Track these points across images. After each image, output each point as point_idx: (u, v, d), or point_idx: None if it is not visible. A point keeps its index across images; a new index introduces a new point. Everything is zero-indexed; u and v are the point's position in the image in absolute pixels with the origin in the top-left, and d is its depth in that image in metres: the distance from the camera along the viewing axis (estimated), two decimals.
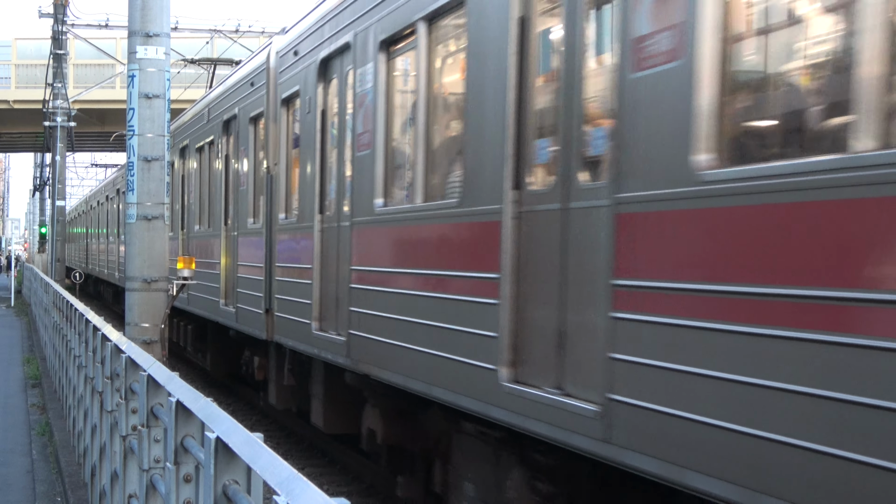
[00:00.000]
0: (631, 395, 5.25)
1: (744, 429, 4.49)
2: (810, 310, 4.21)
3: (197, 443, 5.22)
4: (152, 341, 11.49)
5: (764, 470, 4.38)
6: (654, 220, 5.18)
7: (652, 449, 5.07)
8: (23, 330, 32.89)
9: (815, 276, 4.19)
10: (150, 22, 11.55)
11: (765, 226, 4.42)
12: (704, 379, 4.72)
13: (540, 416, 6.11)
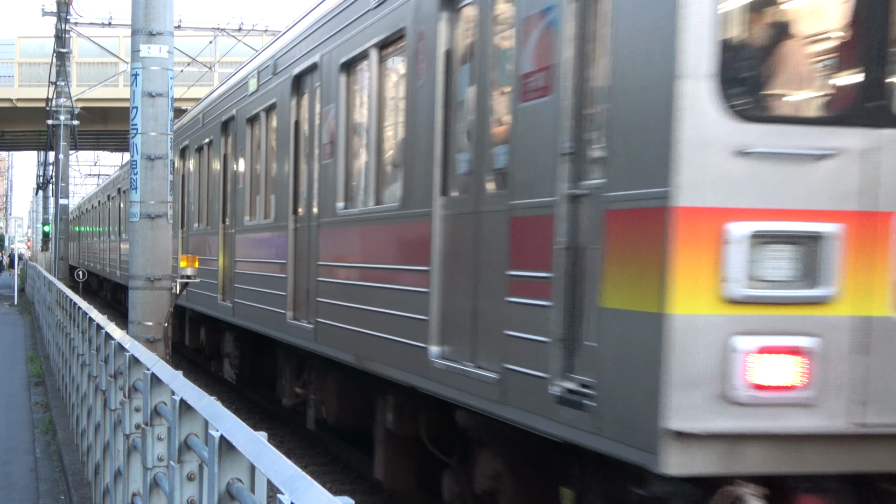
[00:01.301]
0: (520, 364, 6.63)
1: None
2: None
3: (200, 441, 5.23)
4: (155, 339, 11.50)
5: None
6: (534, 223, 6.54)
7: (533, 409, 6.56)
8: (26, 328, 32.92)
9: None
10: (154, 20, 11.55)
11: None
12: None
13: (459, 384, 7.52)
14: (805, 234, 5.36)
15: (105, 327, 9.98)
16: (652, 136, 5.45)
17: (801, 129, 5.48)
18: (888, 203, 5.38)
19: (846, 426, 5.40)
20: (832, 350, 5.38)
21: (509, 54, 7.10)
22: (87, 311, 12.15)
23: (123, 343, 8.58)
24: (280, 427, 17.42)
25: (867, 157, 5.40)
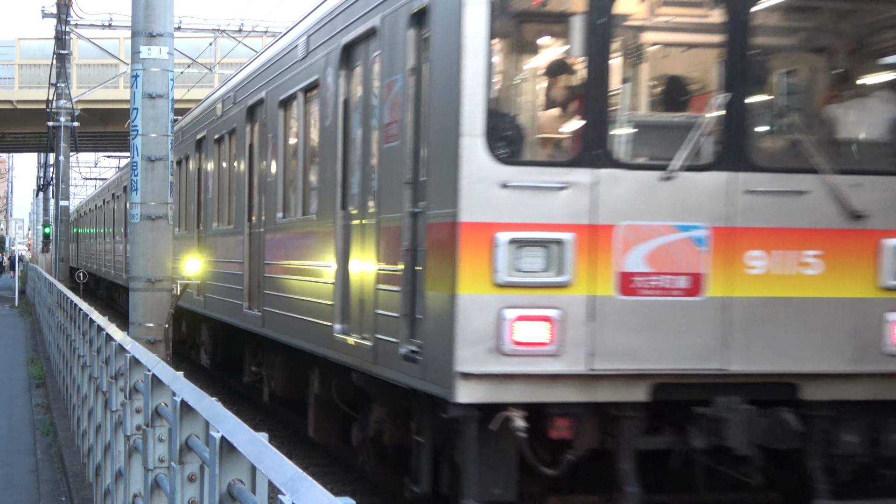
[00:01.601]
0: (384, 334, 9.03)
1: None
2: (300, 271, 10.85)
3: (201, 442, 5.23)
4: (156, 341, 11.50)
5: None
6: (392, 232, 9.02)
7: (387, 366, 8.97)
8: (27, 330, 32.93)
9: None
10: (154, 22, 11.56)
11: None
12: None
13: (352, 352, 9.93)
14: (549, 239, 7.82)
15: (106, 328, 9.99)
16: (448, 174, 7.86)
17: (546, 169, 8.04)
18: (606, 219, 7.85)
19: (581, 370, 7.85)
20: (570, 318, 7.83)
21: (379, 107, 9.55)
22: (87, 313, 12.15)
23: (124, 344, 8.59)
24: (281, 428, 17.43)
25: (592, 188, 7.89)
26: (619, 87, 8.36)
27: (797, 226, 8.19)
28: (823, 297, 8.21)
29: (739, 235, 8.09)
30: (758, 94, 8.44)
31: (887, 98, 8.78)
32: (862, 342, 8.26)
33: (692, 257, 8.03)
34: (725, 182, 8.09)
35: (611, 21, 8.02)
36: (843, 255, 8.26)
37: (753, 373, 8.12)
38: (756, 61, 8.34)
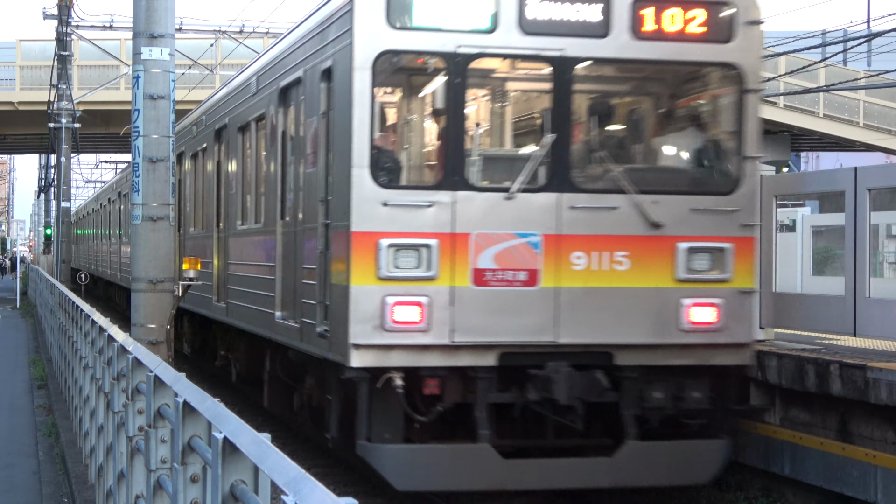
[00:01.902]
0: (307, 318, 11.56)
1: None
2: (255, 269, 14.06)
3: (204, 443, 5.23)
4: (158, 342, 11.51)
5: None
6: (311, 238, 11.56)
7: (309, 342, 11.51)
8: (28, 331, 32.93)
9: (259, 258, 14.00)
10: (155, 23, 11.56)
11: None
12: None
13: (287, 334, 12.53)
14: (419, 244, 10.28)
15: (108, 329, 9.98)
16: (344, 195, 10.40)
17: (416, 192, 10.68)
18: (463, 228, 10.34)
19: (444, 342, 10.33)
20: (436, 303, 10.30)
21: (304, 139, 12.06)
22: (89, 314, 12.15)
23: (126, 345, 8.58)
24: (283, 429, 17.42)
25: (451, 206, 10.38)
26: (472, 129, 11.06)
27: (610, 233, 10.70)
28: (632, 287, 10.69)
29: (565, 241, 10.62)
30: (577, 133, 11.08)
31: (677, 137, 11.67)
32: (662, 321, 10.76)
33: (529, 257, 10.55)
34: (554, 200, 10.64)
35: (465, 79, 10.65)
36: (646, 255, 10.75)
37: (577, 344, 10.68)
38: (575, 108, 10.94)
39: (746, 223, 10.98)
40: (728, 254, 10.90)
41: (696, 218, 10.87)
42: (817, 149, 54.58)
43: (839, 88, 36.72)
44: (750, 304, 11.09)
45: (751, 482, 12.01)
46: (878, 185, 11.33)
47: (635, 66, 11.41)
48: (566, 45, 10.66)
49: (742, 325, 10.97)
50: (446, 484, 10.96)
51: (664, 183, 11.15)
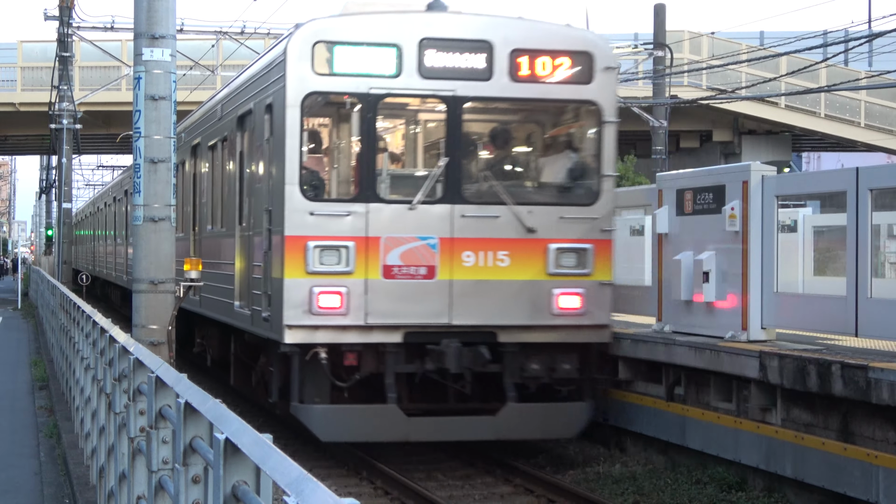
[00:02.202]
0: (256, 305, 14.08)
1: None
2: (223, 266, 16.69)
3: (206, 444, 5.22)
4: (159, 343, 11.50)
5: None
6: (259, 240, 14.04)
7: (257, 325, 14.04)
8: (30, 332, 32.92)
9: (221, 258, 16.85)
10: (156, 24, 11.55)
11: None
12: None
13: (242, 320, 15.06)
14: (339, 245, 12.80)
15: (109, 330, 9.97)
16: (280, 206, 12.97)
17: (336, 204, 13.22)
18: (374, 233, 12.85)
19: (360, 323, 12.86)
20: (353, 292, 12.84)
21: (256, 159, 14.63)
22: (90, 315, 12.14)
23: (127, 346, 8.57)
24: (284, 429, 17.41)
25: (365, 215, 12.93)
26: (382, 154, 13.72)
27: (493, 236, 13.29)
28: (511, 280, 13.31)
29: (457, 243, 13.23)
30: (466, 157, 13.73)
31: (548, 159, 14.46)
32: (536, 306, 13.37)
33: (428, 256, 13.12)
34: (448, 210, 13.25)
35: (375, 114, 13.31)
36: (522, 254, 13.38)
37: (466, 325, 13.24)
38: (464, 137, 13.59)
39: (605, 228, 13.68)
40: (590, 253, 13.55)
41: (563, 224, 13.54)
42: (819, 149, 54.56)
43: (840, 89, 36.70)
44: (608, 293, 13.70)
45: (752, 482, 12.02)
46: (880, 186, 11.33)
47: (513, 103, 14.09)
48: (457, 86, 13.35)
49: (602, 310, 13.67)
50: (360, 436, 13.46)
51: (537, 196, 13.98)
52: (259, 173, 14.38)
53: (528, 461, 14.36)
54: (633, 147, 44.01)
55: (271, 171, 13.60)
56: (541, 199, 13.81)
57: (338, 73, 13.11)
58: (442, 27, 13.47)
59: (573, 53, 13.64)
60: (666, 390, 13.64)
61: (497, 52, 13.34)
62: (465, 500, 12.64)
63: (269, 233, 13.56)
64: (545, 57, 13.51)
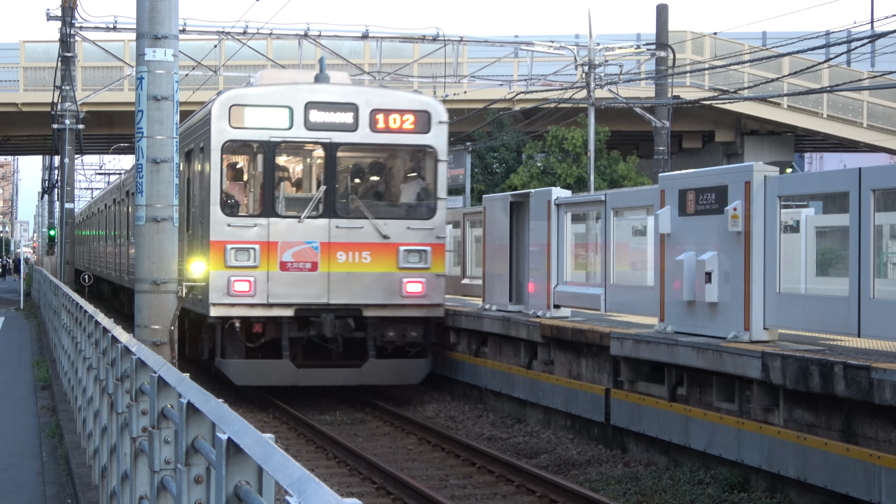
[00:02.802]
0: (198, 293, 18.61)
1: None
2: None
3: (208, 444, 5.22)
4: (162, 343, 11.49)
5: None
6: (200, 243, 19.44)
7: (196, 306, 19.41)
8: (32, 332, 32.93)
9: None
10: (159, 24, 11.54)
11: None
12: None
13: (188, 302, 18.26)
14: (249, 248, 18.29)
15: (111, 330, 9.97)
16: (207, 219, 18.65)
17: (247, 218, 18.64)
18: (274, 239, 18.37)
19: (264, 302, 18.39)
20: (258, 281, 18.33)
21: (197, 184, 19.75)
22: (93, 315, 12.14)
23: (130, 346, 8.57)
24: (287, 430, 17.41)
25: (267, 226, 18.50)
26: (278, 183, 19.04)
27: (359, 241, 18.72)
28: (372, 272, 18.70)
29: (333, 246, 18.65)
30: (339, 185, 19.18)
31: (399, 186, 19.91)
32: (390, 291, 18.77)
33: (312, 255, 18.56)
34: (326, 223, 18.73)
35: (274, 155, 18.82)
36: (380, 254, 18.84)
37: (339, 304, 18.67)
38: (338, 171, 19.14)
39: (439, 236, 19.35)
40: (429, 253, 19.10)
41: (410, 233, 19.08)
42: (821, 149, 54.52)
43: (843, 89, 36.67)
44: (442, 282, 19.38)
45: (755, 483, 12.02)
46: (883, 186, 11.31)
47: (372, 147, 19.54)
48: (332, 135, 18.91)
49: (437, 294, 19.22)
50: (264, 382, 19.11)
51: (391, 213, 19.36)
52: (197, 195, 19.96)
53: (530, 461, 14.38)
54: (636, 148, 44.00)
55: (203, 194, 19.21)
56: (393, 215, 19.30)
57: (247, 126, 18.70)
58: (322, 94, 19.03)
59: (416, 112, 19.26)
60: (668, 390, 13.63)
61: (361, 111, 18.92)
62: (466, 500, 12.66)
63: (201, 238, 19.11)
64: (396, 114, 19.12)
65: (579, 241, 17.83)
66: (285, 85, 19.49)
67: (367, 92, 19.89)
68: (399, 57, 38.56)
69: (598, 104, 32.42)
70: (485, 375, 18.70)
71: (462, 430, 17.00)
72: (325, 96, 19.00)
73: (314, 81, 19.55)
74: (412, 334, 18.97)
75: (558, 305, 16.93)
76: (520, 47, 35.78)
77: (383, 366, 18.89)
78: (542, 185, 34.36)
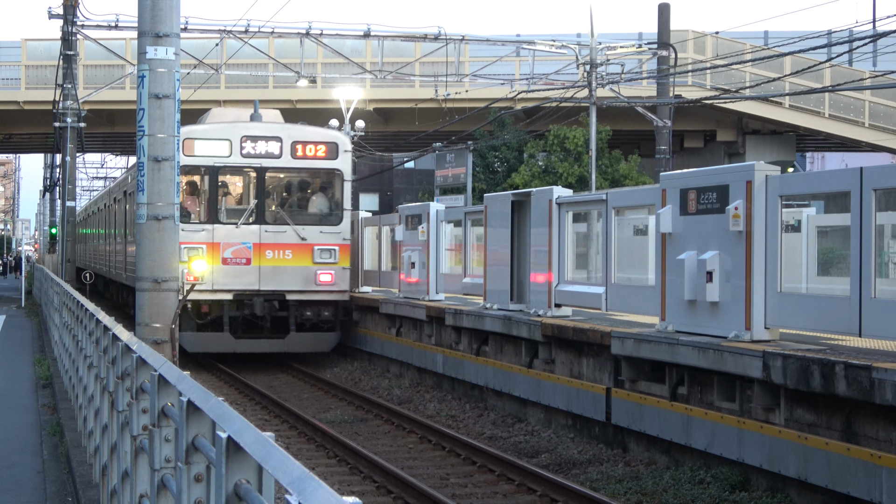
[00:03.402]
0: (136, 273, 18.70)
1: None
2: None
3: (208, 442, 5.22)
4: (163, 341, 11.49)
5: None
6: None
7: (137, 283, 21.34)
8: (33, 330, 32.95)
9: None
10: (160, 22, 11.55)
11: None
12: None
13: (132, 281, 19.06)
14: (198, 247, 23.93)
15: (112, 329, 9.97)
16: None
17: (196, 224, 24.34)
18: (218, 240, 24.17)
19: (210, 288, 23.75)
20: (216, 267, 24.08)
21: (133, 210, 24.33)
22: (94, 313, 12.14)
23: (130, 344, 8.57)
24: (287, 428, 17.41)
25: (212, 231, 24.31)
26: (221, 197, 24.39)
27: (283, 242, 24.34)
28: (293, 266, 24.24)
29: (263, 246, 24.20)
30: (268, 199, 24.70)
31: (314, 199, 25.27)
32: (307, 280, 24.42)
33: (247, 253, 24.04)
34: (258, 228, 24.35)
35: (217, 177, 24.57)
36: (299, 252, 24.46)
37: (268, 290, 24.24)
38: (267, 189, 24.69)
39: (345, 238, 24.94)
40: (337, 251, 24.75)
41: (322, 236, 24.66)
42: (823, 149, 54.50)
43: (845, 88, 36.65)
44: (347, 273, 24.99)
45: (756, 482, 12.01)
46: (884, 186, 11.30)
47: (293, 170, 25.23)
48: (262, 161, 24.53)
49: (344, 283, 24.82)
50: (209, 349, 24.54)
51: (307, 221, 24.89)
52: (126, 218, 28.48)
53: (531, 459, 14.38)
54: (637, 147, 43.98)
55: (130, 217, 26.11)
56: (309, 222, 24.93)
57: (197, 154, 23.99)
58: (255, 130, 24.62)
59: (327, 143, 25.19)
60: (669, 390, 13.63)
61: (284, 143, 24.75)
62: (467, 499, 12.65)
63: (125, 241, 27.32)
64: (311, 145, 24.99)
65: (580, 240, 17.82)
66: (226, 122, 25.10)
67: (290, 128, 25.53)
68: (401, 56, 38.57)
69: (600, 103, 32.41)
70: (486, 374, 18.71)
71: (463, 429, 17.00)
72: (257, 131, 24.74)
73: (249, 120, 25.02)
74: (324, 314, 24.89)
75: (559, 304, 16.92)
76: (521, 46, 35.79)
77: (302, 337, 24.93)
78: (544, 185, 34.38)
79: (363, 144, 43.97)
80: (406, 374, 22.88)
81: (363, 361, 25.71)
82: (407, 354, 22.63)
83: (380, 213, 40.57)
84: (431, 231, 21.99)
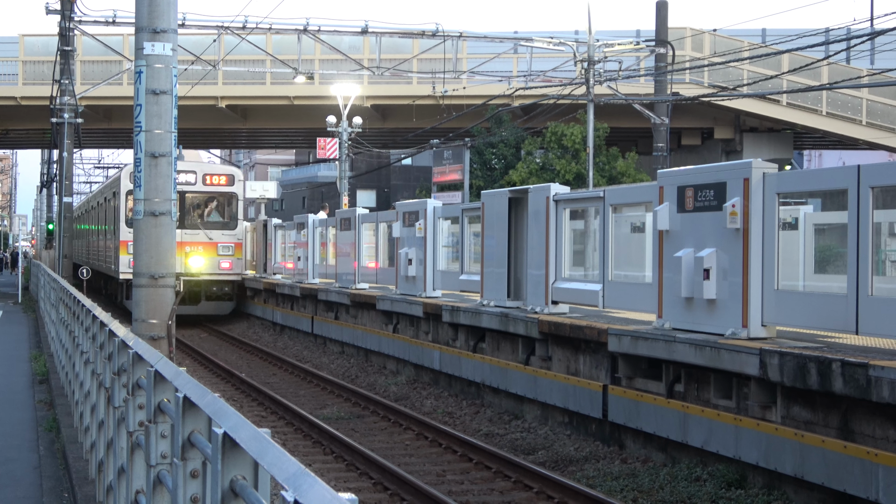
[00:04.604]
0: (114, 265, 39.21)
1: None
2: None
3: (204, 438, 5.21)
4: (159, 337, 11.48)
5: None
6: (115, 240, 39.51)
7: (115, 274, 38.78)
8: (30, 326, 32.95)
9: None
10: (158, 18, 11.53)
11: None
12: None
13: (113, 272, 38.61)
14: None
15: (109, 325, 9.96)
16: (118, 229, 37.18)
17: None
18: (184, 241, 35.81)
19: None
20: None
21: (113, 209, 38.88)
22: (90, 309, 12.13)
23: (127, 341, 8.56)
24: (283, 424, 17.41)
25: (181, 235, 34.38)
26: (190, 208, 36.91)
27: (198, 241, 36.36)
28: (204, 257, 37.23)
29: (185, 243, 35.04)
30: (187, 212, 36.54)
31: (219, 211, 37.51)
32: (214, 266, 36.65)
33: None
34: (180, 231, 32.49)
35: (184, 195, 37.57)
36: (208, 249, 36.48)
37: (194, 273, 36.34)
38: (186, 205, 36.56)
39: (239, 238, 36.94)
40: (233, 247, 36.62)
41: (223, 236, 36.46)
42: (820, 147, 54.52)
43: (842, 86, 36.67)
44: (241, 262, 37.25)
45: (752, 480, 12.02)
46: (881, 184, 11.31)
47: (203, 193, 36.61)
48: (183, 187, 35.14)
49: (239, 269, 36.88)
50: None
51: (213, 226, 36.34)
52: (113, 216, 37.45)
53: (528, 456, 14.38)
54: (635, 144, 44.00)
55: (116, 216, 36.65)
56: (214, 227, 35.86)
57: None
58: (179, 166, 29.36)
59: (227, 174, 37.10)
60: (666, 387, 13.63)
61: (198, 175, 36.24)
62: (464, 495, 12.66)
63: (116, 238, 35.79)
64: (216, 176, 36.67)
65: (577, 237, 17.82)
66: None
67: (203, 165, 39.12)
68: (398, 52, 38.55)
69: (598, 100, 32.41)
70: (483, 371, 18.72)
71: (460, 426, 17.00)
72: (180, 167, 32.00)
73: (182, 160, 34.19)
74: (225, 289, 37.10)
75: (556, 301, 16.92)
76: (519, 43, 35.78)
77: (210, 304, 37.17)
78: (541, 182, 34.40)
79: (361, 141, 43.95)
80: (403, 371, 22.87)
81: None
82: (404, 351, 22.62)
83: (377, 210, 40.57)
84: (428, 228, 22.00)
